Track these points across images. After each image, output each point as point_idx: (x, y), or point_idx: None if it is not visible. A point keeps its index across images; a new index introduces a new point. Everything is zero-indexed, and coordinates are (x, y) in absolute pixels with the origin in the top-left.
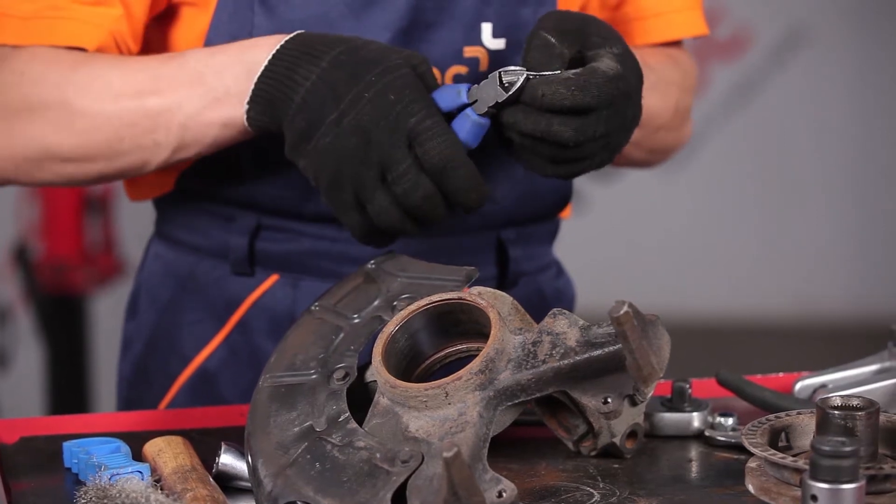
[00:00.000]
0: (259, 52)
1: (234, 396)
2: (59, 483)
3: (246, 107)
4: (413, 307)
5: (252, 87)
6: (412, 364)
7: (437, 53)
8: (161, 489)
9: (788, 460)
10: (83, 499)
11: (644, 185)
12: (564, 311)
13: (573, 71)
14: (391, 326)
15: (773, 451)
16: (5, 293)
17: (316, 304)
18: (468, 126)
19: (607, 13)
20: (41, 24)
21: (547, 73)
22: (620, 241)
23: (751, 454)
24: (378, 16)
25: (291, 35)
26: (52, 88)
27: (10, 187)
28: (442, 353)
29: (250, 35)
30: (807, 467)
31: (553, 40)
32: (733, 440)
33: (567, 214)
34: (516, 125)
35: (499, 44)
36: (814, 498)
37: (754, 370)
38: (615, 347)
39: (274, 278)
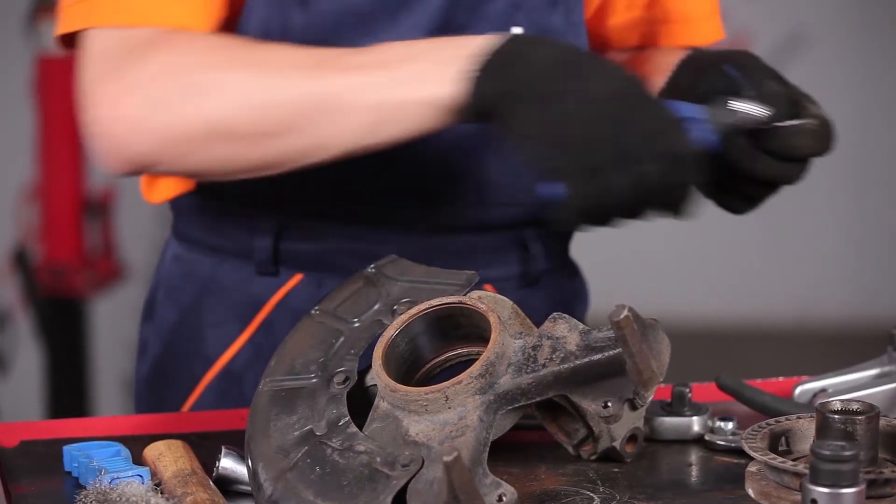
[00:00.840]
0: (473, 41)
1: None
2: (60, 487)
3: (473, 80)
4: (413, 311)
5: (476, 60)
6: (412, 368)
7: None
8: (161, 493)
9: (788, 464)
10: (83, 502)
11: None
12: (564, 315)
13: (810, 122)
14: (391, 330)
15: (773, 456)
16: (5, 296)
17: (316, 307)
18: (703, 138)
19: (636, 12)
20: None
21: (796, 122)
22: (620, 246)
23: (751, 458)
24: (410, 16)
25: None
26: (224, 67)
27: (10, 190)
28: (442, 357)
29: (283, 27)
30: (807, 471)
31: (781, 89)
32: (733, 444)
33: None
34: (763, 172)
35: None
36: (814, 502)
37: (754, 374)
38: (615, 351)
39: (298, 278)
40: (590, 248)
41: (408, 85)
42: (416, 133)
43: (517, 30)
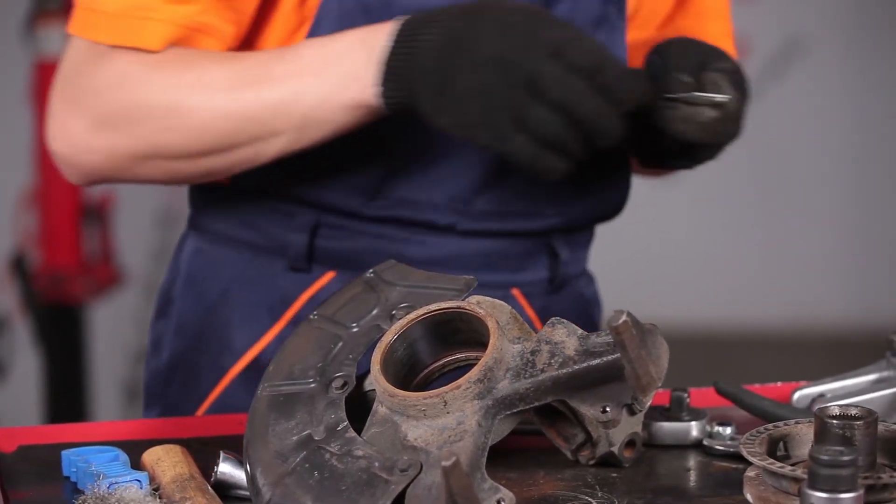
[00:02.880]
0: (378, 35)
1: None
2: (58, 492)
3: (378, 88)
4: (412, 316)
5: (379, 67)
6: (411, 373)
7: None
8: (159, 498)
9: (787, 469)
10: None
11: (642, 194)
12: (563, 320)
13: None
14: (390, 335)
15: (771, 461)
16: (3, 302)
17: (315, 312)
18: None
19: (648, 33)
20: (130, 23)
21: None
22: (618, 251)
23: (749, 463)
24: None
25: (402, 19)
26: (160, 91)
27: (9, 196)
28: (440, 362)
29: (357, 24)
30: (805, 477)
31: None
32: (731, 449)
33: None
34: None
35: None
36: None
37: (752, 379)
38: (613, 357)
39: (330, 275)
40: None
41: (331, 91)
42: (346, 130)
43: None
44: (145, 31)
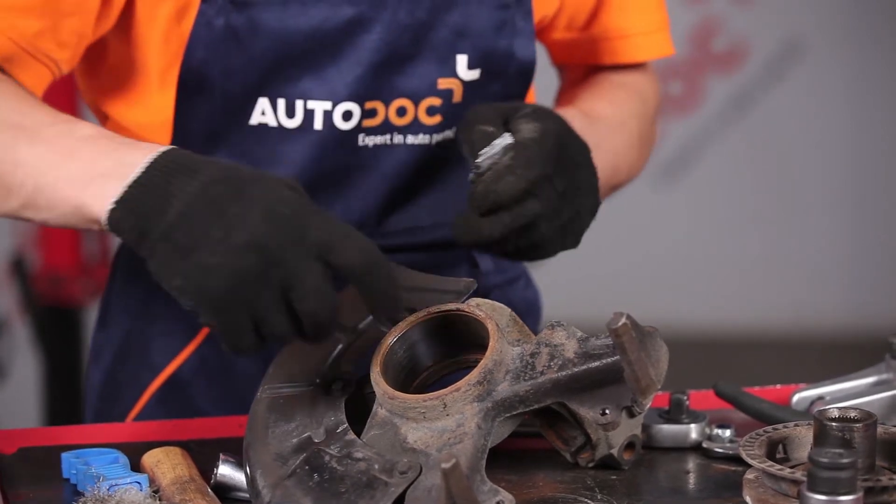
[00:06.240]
0: (137, 154)
1: (207, 406)
2: (58, 494)
3: (110, 206)
4: (411, 318)
5: (122, 189)
6: (410, 375)
7: (412, 86)
8: (159, 500)
9: (786, 472)
10: None
11: (640, 197)
12: (562, 322)
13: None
14: (390, 338)
15: (770, 463)
16: (2, 304)
17: None
18: None
19: (574, 34)
20: None
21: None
22: (617, 254)
23: (748, 466)
24: (353, 50)
25: (167, 148)
26: None
27: None
28: (440, 365)
29: (224, 69)
30: (804, 479)
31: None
32: (731, 452)
33: None
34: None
35: (473, 74)
36: None
37: (752, 382)
38: (613, 359)
39: None
40: (588, 257)
41: (71, 183)
42: (69, 227)
43: (462, 57)
44: None
